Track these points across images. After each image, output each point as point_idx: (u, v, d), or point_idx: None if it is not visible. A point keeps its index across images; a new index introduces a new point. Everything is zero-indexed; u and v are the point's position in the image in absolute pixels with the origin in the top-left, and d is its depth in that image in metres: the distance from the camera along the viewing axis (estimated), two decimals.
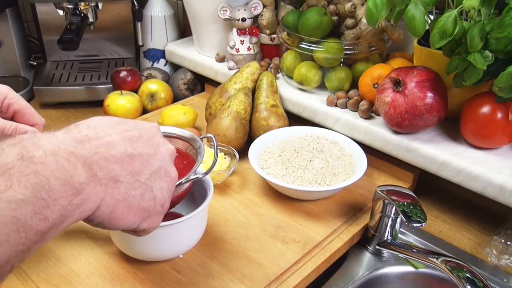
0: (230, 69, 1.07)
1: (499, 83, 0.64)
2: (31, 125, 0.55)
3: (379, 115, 0.84)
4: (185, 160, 0.61)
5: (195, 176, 0.55)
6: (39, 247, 0.33)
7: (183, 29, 1.31)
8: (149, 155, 0.41)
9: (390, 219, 0.69)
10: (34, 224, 0.31)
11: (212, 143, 0.82)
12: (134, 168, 0.39)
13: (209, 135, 0.63)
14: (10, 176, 0.30)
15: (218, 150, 0.60)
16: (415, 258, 0.65)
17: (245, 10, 1.01)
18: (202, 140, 0.60)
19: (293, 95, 0.94)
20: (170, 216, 0.64)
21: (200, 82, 1.19)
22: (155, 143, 0.43)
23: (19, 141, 0.33)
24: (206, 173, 0.57)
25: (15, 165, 0.31)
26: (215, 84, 1.10)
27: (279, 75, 1.02)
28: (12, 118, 0.55)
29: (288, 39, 0.93)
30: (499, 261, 0.69)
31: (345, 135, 0.85)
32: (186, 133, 0.61)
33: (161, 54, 1.23)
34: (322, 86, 0.94)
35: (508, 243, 0.70)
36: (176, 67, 1.22)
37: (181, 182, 0.53)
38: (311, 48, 0.89)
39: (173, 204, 0.57)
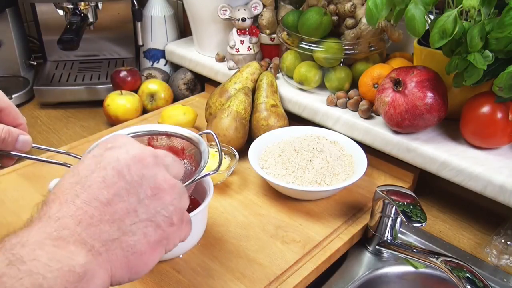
0: (230, 69, 1.07)
1: (499, 83, 0.64)
2: (16, 125, 0.52)
3: (379, 115, 0.84)
4: (186, 158, 0.62)
5: (202, 175, 0.55)
6: None
7: (183, 29, 1.31)
8: (123, 186, 0.36)
9: (390, 219, 0.69)
10: None
11: (213, 142, 0.82)
12: (120, 213, 0.35)
13: (209, 131, 0.63)
14: (3, 284, 0.28)
15: (220, 147, 0.60)
16: (415, 258, 0.65)
17: (245, 10, 1.01)
18: (201, 136, 0.60)
19: (293, 95, 0.94)
20: None
21: (200, 82, 1.19)
22: (119, 167, 0.37)
23: (2, 244, 0.31)
24: (216, 170, 0.57)
25: (5, 273, 0.29)
26: (215, 84, 1.10)
27: (279, 75, 1.02)
28: None
29: (288, 39, 0.93)
30: (499, 261, 0.69)
31: (345, 135, 0.85)
32: (192, 134, 0.61)
33: (161, 54, 1.23)
34: (322, 86, 0.94)
35: (508, 243, 0.70)
36: (176, 67, 1.22)
37: (189, 182, 0.54)
38: (311, 48, 0.89)
39: None
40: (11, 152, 0.51)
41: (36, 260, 0.30)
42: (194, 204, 0.67)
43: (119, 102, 1.02)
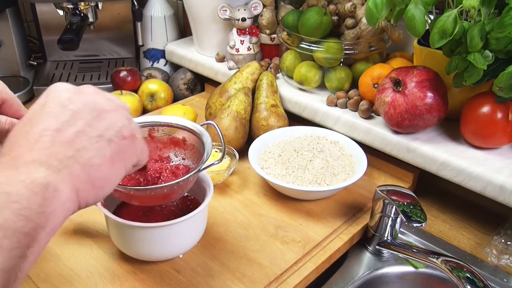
0: (230, 69, 1.07)
1: (499, 83, 0.64)
2: (19, 117, 0.52)
3: (379, 115, 0.84)
4: (187, 149, 0.63)
5: (206, 166, 0.56)
6: (37, 253, 0.33)
7: (183, 29, 1.31)
8: (69, 113, 0.38)
9: (390, 219, 0.69)
10: (19, 227, 0.31)
11: (213, 142, 0.82)
12: (69, 135, 0.37)
13: (211, 122, 0.64)
14: None
15: (223, 137, 0.61)
16: (415, 258, 0.65)
17: (245, 10, 1.01)
18: (203, 127, 0.61)
19: (293, 95, 0.94)
20: (170, 216, 0.65)
21: (200, 82, 1.19)
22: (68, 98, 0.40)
23: None
24: (220, 160, 0.59)
25: None
26: (215, 84, 1.10)
27: (279, 75, 1.02)
28: None
29: (288, 39, 0.93)
30: (499, 261, 0.69)
31: (345, 135, 0.85)
32: (195, 125, 0.61)
33: (161, 54, 1.23)
34: (322, 86, 0.94)
35: (508, 243, 0.70)
36: (176, 67, 1.22)
37: (194, 172, 0.55)
38: (311, 48, 0.89)
39: (180, 191, 0.59)
40: None
41: (2, 177, 0.33)
42: (194, 204, 0.67)
43: None
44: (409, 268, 0.71)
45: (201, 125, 0.61)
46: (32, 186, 0.33)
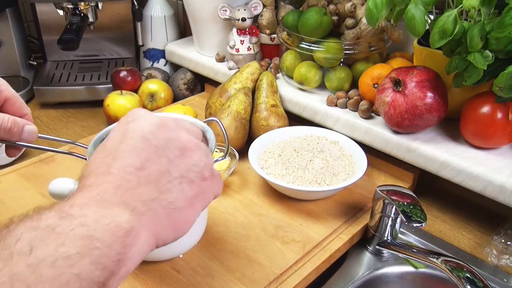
0: (230, 69, 1.07)
1: (499, 83, 0.64)
2: (21, 115, 0.52)
3: (379, 115, 0.84)
4: None
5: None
6: None
7: (183, 29, 1.31)
8: (153, 150, 0.37)
9: (390, 219, 0.69)
10: (95, 277, 0.30)
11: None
12: (154, 174, 0.36)
13: (214, 118, 0.63)
14: (58, 234, 0.30)
15: (226, 132, 0.61)
16: (415, 258, 0.65)
17: (245, 10, 1.01)
18: (206, 124, 0.61)
19: (293, 95, 0.94)
20: None
21: (200, 82, 1.19)
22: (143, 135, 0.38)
23: (51, 207, 0.32)
24: (224, 156, 0.60)
25: (59, 224, 0.30)
26: (215, 84, 1.10)
27: (279, 75, 1.02)
28: (1, 108, 0.52)
29: (288, 39, 0.93)
30: (499, 261, 0.69)
31: (345, 135, 0.85)
32: (197, 121, 0.61)
33: (161, 54, 1.23)
34: (322, 86, 0.94)
35: (508, 243, 0.70)
36: (176, 67, 1.22)
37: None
38: (311, 48, 0.89)
39: None
40: (17, 142, 0.51)
41: (85, 217, 0.31)
42: None
43: (119, 102, 1.02)
44: (409, 268, 0.71)
45: (205, 121, 0.61)
46: (116, 230, 0.32)
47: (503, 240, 0.70)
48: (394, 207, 0.67)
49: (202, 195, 0.39)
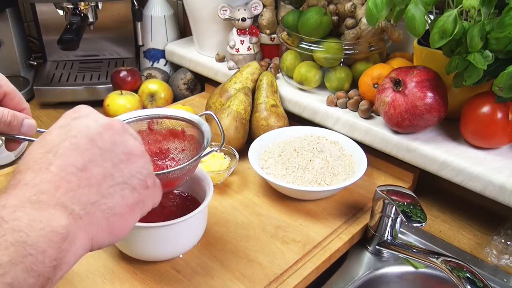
0: (230, 69, 1.07)
1: (499, 83, 0.64)
2: (20, 109, 0.52)
3: (379, 115, 0.84)
4: (187, 140, 0.64)
5: (207, 152, 0.58)
6: None
7: (183, 29, 1.31)
8: (97, 152, 0.36)
9: (390, 219, 0.69)
10: (30, 285, 0.29)
11: (213, 142, 0.82)
12: (96, 177, 0.35)
13: (208, 112, 0.64)
14: None
15: (221, 124, 0.63)
16: (415, 258, 0.65)
17: (245, 10, 1.01)
18: (201, 117, 0.62)
19: (293, 95, 0.93)
20: (170, 216, 0.65)
21: (200, 82, 1.19)
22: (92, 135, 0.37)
23: None
24: (220, 146, 0.61)
25: None
26: (215, 84, 1.10)
27: (279, 75, 1.02)
28: (0, 102, 0.52)
29: (288, 39, 0.93)
30: (499, 261, 0.69)
31: (345, 135, 0.85)
32: (192, 116, 0.62)
33: (161, 54, 1.23)
34: (322, 86, 0.94)
35: (508, 243, 0.70)
36: (176, 67, 1.22)
37: (195, 159, 0.56)
38: (311, 48, 0.89)
39: (182, 178, 0.59)
40: (16, 136, 0.52)
41: (18, 220, 0.30)
42: (194, 204, 0.67)
43: (119, 102, 1.02)
44: (409, 268, 0.71)
45: (200, 116, 0.62)
46: (52, 235, 0.31)
47: (503, 240, 0.70)
48: (394, 207, 0.67)
49: (142, 203, 0.39)
